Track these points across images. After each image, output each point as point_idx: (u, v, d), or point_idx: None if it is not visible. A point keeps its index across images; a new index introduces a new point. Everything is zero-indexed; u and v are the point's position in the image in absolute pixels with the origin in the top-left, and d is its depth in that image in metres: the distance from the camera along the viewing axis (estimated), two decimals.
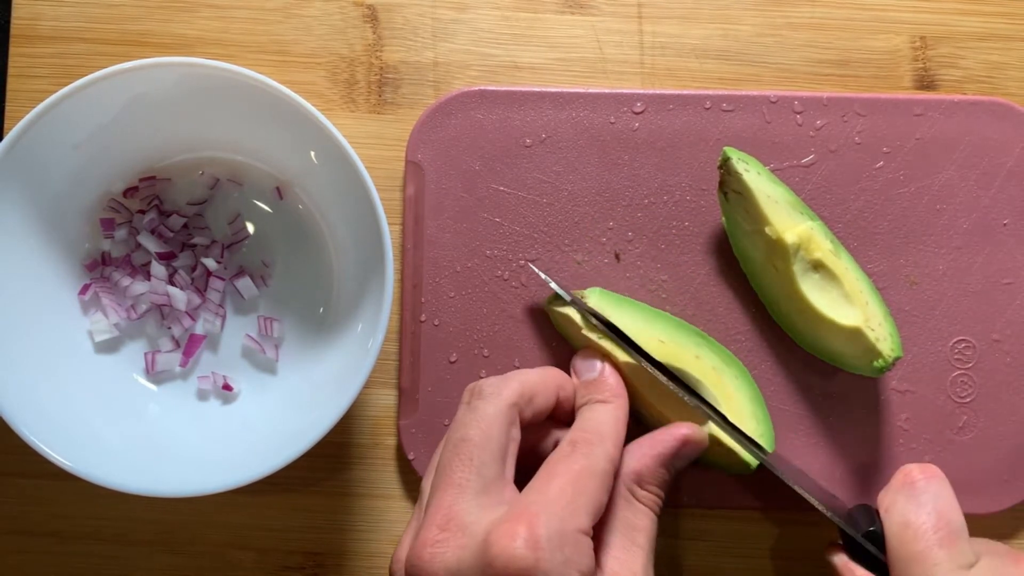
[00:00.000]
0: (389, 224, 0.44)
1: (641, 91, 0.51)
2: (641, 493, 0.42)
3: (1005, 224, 0.50)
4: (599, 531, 0.41)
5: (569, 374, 0.46)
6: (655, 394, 0.46)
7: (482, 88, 0.51)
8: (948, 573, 0.40)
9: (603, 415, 0.43)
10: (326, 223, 0.50)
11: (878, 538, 0.43)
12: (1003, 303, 0.50)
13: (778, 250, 0.46)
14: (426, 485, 0.42)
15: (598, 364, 0.45)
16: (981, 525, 0.50)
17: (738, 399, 0.46)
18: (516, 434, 0.41)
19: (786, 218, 0.46)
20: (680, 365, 0.46)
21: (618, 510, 0.42)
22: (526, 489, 0.39)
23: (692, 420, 0.45)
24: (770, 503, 0.49)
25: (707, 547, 0.50)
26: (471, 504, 0.38)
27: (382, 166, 0.52)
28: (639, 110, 0.51)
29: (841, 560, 0.44)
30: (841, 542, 0.45)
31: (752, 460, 0.46)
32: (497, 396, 0.41)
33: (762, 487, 0.49)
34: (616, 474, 0.42)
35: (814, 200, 0.50)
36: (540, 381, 0.43)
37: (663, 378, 0.45)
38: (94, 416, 0.47)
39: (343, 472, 0.51)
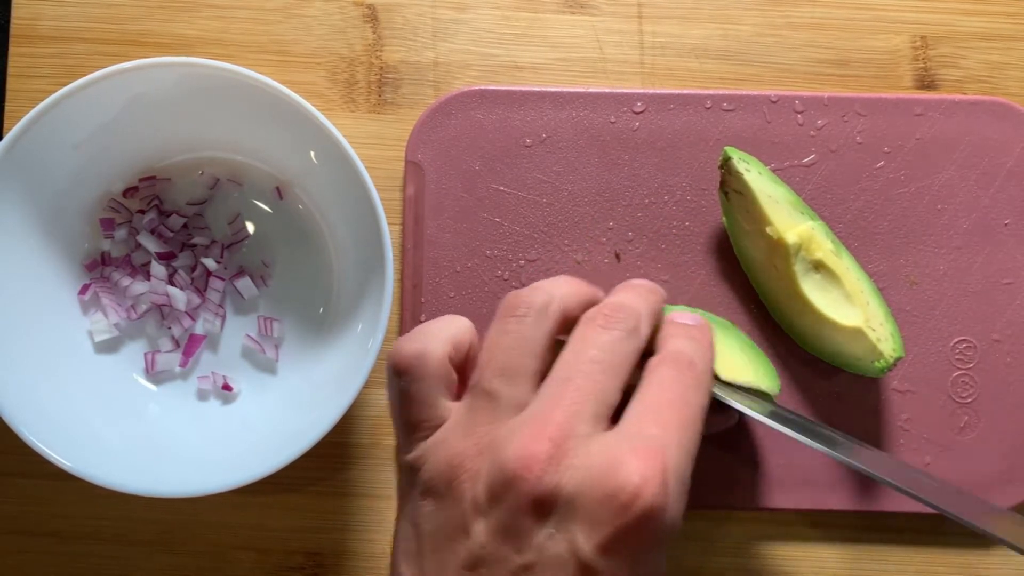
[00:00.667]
0: (389, 224, 0.44)
1: (641, 91, 0.51)
2: None
3: (1005, 224, 0.50)
4: None
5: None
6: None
7: (482, 88, 0.51)
8: None
9: (701, 350, 0.39)
10: (326, 223, 0.50)
11: None
12: (1004, 303, 0.50)
13: (779, 250, 0.46)
14: (497, 387, 0.36)
15: (699, 318, 0.41)
16: None
17: (727, 353, 0.45)
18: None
19: (787, 218, 0.46)
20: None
21: None
22: (638, 410, 0.36)
23: None
24: (770, 503, 0.49)
25: (706, 547, 0.50)
26: (585, 427, 0.34)
27: (382, 166, 0.52)
28: (639, 110, 0.50)
29: None
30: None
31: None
32: (635, 334, 0.38)
33: (762, 487, 0.49)
34: None
35: (815, 200, 0.50)
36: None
37: None
38: (94, 416, 0.47)
39: (343, 472, 0.51)
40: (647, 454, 0.33)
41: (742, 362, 0.45)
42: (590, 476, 0.33)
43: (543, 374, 0.37)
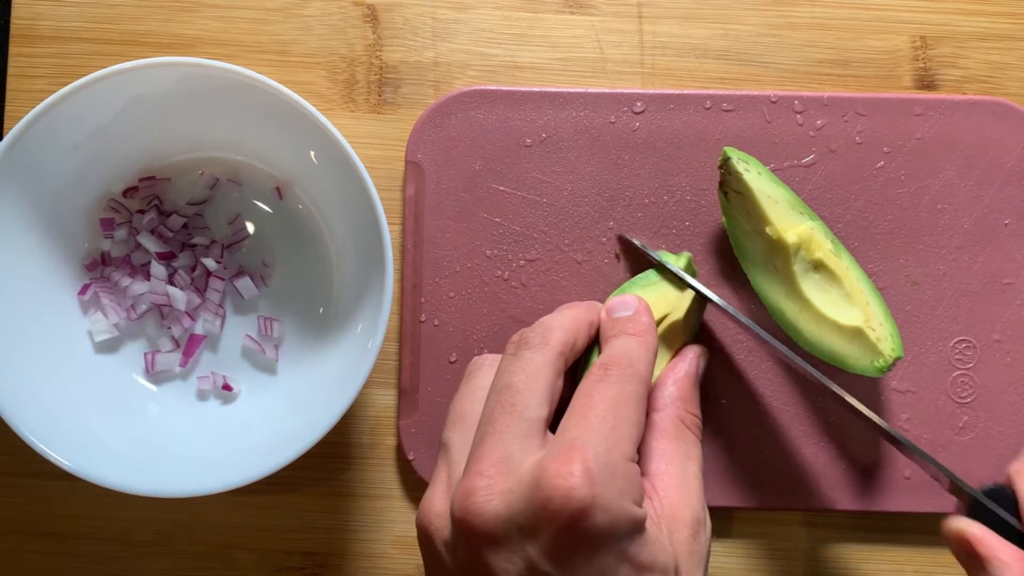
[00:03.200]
0: (389, 224, 0.44)
1: (641, 91, 0.51)
2: (688, 418, 0.43)
3: (1006, 224, 0.50)
4: (650, 465, 0.41)
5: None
6: None
7: (482, 88, 0.51)
8: None
9: (631, 343, 0.41)
10: (326, 223, 0.50)
11: (1005, 499, 0.40)
12: (1004, 303, 0.50)
13: (779, 250, 0.46)
14: (450, 437, 0.40)
15: (633, 304, 0.44)
16: None
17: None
18: (560, 384, 0.40)
19: (787, 218, 0.46)
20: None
21: (670, 441, 0.42)
22: (564, 422, 0.38)
23: None
24: (771, 503, 0.49)
25: None
26: (514, 448, 0.37)
27: (382, 166, 0.52)
28: (639, 110, 0.50)
29: (977, 530, 0.40)
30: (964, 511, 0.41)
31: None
32: (545, 346, 0.40)
33: (762, 487, 0.49)
34: (655, 408, 0.43)
35: (814, 200, 0.50)
36: (576, 324, 0.42)
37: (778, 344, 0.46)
38: (94, 416, 0.47)
39: (343, 472, 0.51)
40: (567, 456, 0.35)
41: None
42: (524, 495, 0.35)
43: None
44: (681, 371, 0.45)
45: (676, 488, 0.40)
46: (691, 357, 0.46)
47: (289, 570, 0.51)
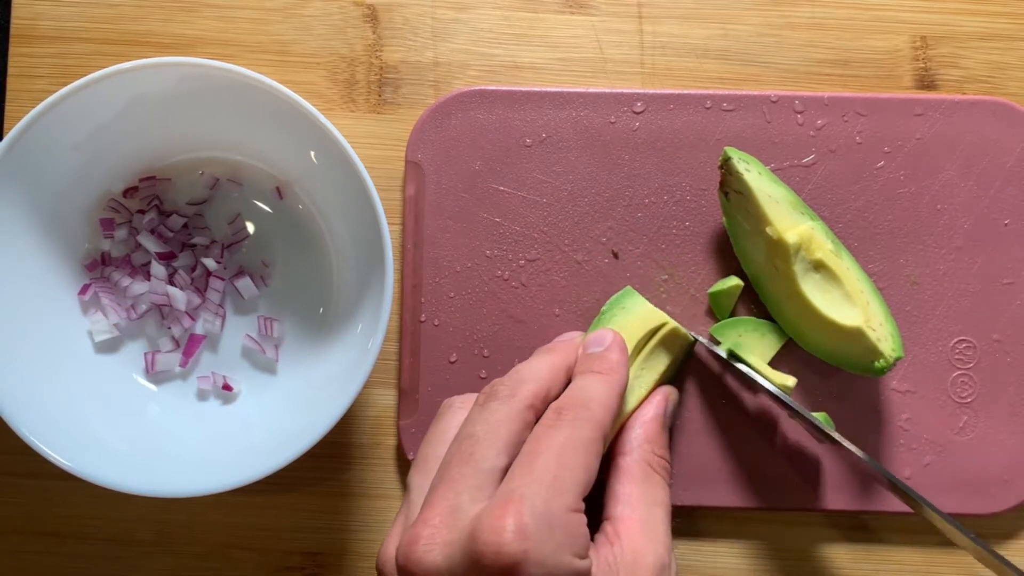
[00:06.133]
0: (389, 224, 0.44)
1: (641, 91, 0.51)
2: (656, 461, 0.43)
3: (1005, 224, 0.50)
4: (615, 510, 0.41)
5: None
6: None
7: (482, 88, 0.51)
8: None
9: (594, 383, 0.41)
10: (326, 223, 0.50)
11: None
12: (1004, 303, 0.50)
13: (779, 250, 0.46)
14: (412, 479, 0.41)
15: (608, 339, 0.44)
16: (981, 525, 0.50)
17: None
18: (526, 436, 0.40)
19: (787, 218, 0.46)
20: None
21: (637, 486, 0.42)
22: (511, 470, 0.38)
23: None
24: (771, 503, 0.49)
25: (707, 547, 0.50)
26: (464, 499, 0.37)
27: (382, 166, 0.52)
28: (639, 110, 0.50)
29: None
30: None
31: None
32: (512, 398, 0.40)
33: (763, 487, 0.49)
34: (621, 451, 0.43)
35: (815, 200, 0.50)
36: (552, 374, 0.42)
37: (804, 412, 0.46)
38: (94, 416, 0.47)
39: (343, 472, 0.51)
40: (501, 509, 0.35)
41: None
42: (461, 547, 0.35)
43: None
44: (648, 414, 0.45)
45: (640, 534, 0.40)
46: (658, 400, 0.45)
47: (289, 570, 0.51)
